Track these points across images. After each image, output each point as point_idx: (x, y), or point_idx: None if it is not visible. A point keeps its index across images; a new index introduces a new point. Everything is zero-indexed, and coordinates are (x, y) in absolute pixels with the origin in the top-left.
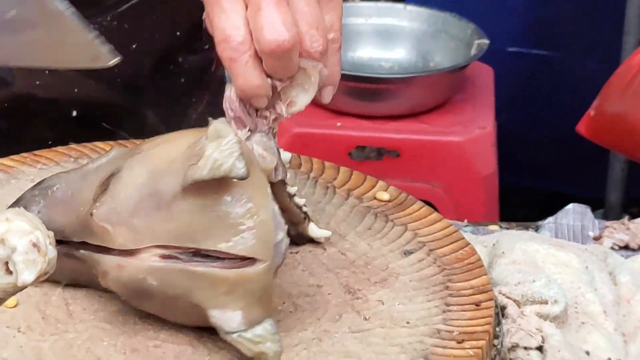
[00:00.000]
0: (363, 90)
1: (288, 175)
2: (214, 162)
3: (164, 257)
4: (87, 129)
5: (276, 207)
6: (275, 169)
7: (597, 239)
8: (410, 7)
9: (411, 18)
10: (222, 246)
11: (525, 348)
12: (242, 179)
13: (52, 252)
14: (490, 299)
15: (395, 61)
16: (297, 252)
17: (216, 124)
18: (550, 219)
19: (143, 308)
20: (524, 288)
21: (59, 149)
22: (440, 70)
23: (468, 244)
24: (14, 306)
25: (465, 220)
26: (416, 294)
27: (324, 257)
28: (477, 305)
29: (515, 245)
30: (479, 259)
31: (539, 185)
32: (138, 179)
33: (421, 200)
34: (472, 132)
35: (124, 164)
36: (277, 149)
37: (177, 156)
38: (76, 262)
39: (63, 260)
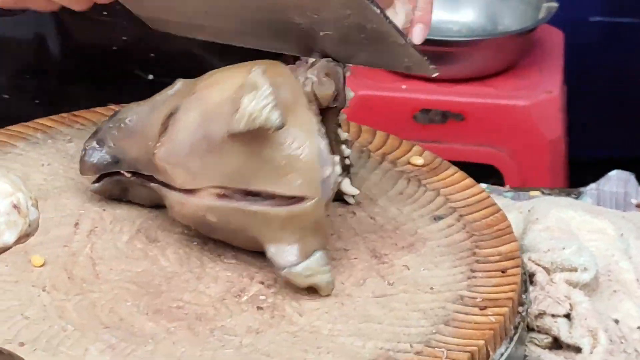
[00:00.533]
0: (429, 53)
1: (344, 116)
2: (249, 116)
3: (219, 196)
4: None
5: (323, 143)
6: (336, 97)
7: (639, 206)
8: None
9: None
10: (270, 188)
11: (553, 315)
12: (278, 129)
13: (33, 213)
14: (517, 266)
15: (464, 24)
16: (327, 216)
17: (252, 75)
18: (592, 186)
19: (210, 236)
20: (553, 255)
21: (98, 109)
22: (506, 33)
23: (499, 210)
24: (41, 265)
25: (508, 186)
26: (443, 259)
27: (353, 221)
28: (503, 272)
29: (550, 212)
30: (509, 226)
31: (609, 151)
32: (191, 121)
33: (486, 164)
34: (538, 96)
35: (181, 104)
36: (344, 79)
37: (226, 99)
38: (151, 191)
39: (139, 189)
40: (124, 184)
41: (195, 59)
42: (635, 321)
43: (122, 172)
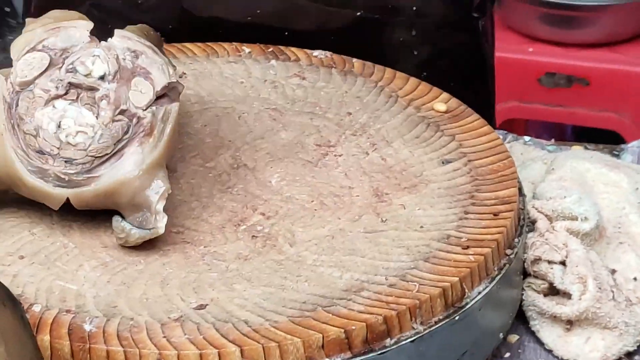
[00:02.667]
0: (559, 16)
1: None
2: None
3: None
4: None
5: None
6: None
7: None
8: None
9: None
10: None
11: (549, 262)
12: None
13: None
14: (511, 210)
15: None
16: (340, 156)
17: None
18: (634, 143)
19: None
20: (554, 203)
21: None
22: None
23: (509, 157)
24: None
25: (553, 140)
26: (440, 200)
27: (364, 161)
28: (495, 215)
29: (566, 163)
30: (514, 172)
31: None
32: None
33: (609, 130)
34: None
35: None
36: None
37: None
38: None
39: None
40: None
41: None
42: (633, 272)
43: None
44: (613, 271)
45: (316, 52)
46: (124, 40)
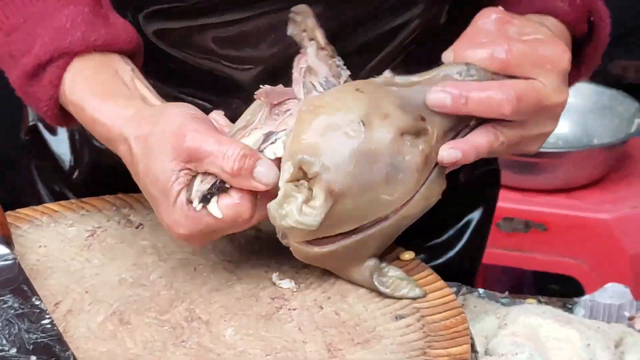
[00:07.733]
0: (516, 162)
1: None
2: None
3: None
4: None
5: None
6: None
7: (631, 319)
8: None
9: (577, 94)
10: None
11: None
12: None
13: None
14: None
15: (560, 136)
16: (294, 309)
17: None
18: (587, 297)
19: None
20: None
21: (106, 197)
22: (592, 146)
23: (461, 313)
24: None
25: (507, 292)
26: (392, 357)
27: (318, 315)
28: None
29: (519, 318)
30: (467, 328)
31: None
32: None
33: (566, 275)
34: (621, 211)
35: None
36: None
37: None
38: None
39: None
40: None
41: None
42: None
43: None
44: None
45: None
46: None
